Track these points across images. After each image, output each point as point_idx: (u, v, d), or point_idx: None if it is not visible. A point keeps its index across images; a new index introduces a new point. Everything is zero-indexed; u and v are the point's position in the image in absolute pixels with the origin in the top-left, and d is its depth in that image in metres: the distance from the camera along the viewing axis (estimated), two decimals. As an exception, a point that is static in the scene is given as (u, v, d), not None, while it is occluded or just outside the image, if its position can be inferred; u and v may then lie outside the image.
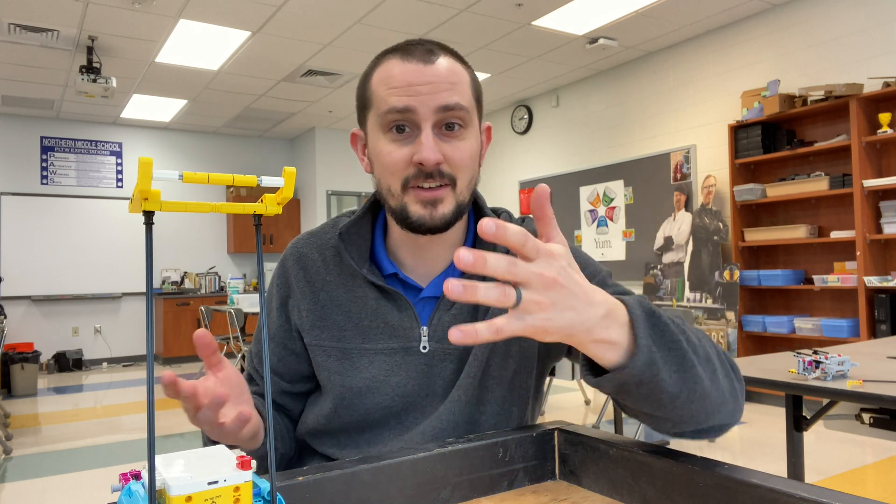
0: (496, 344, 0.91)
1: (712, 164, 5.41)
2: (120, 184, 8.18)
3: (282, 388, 0.99)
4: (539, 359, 0.96)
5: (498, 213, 1.01)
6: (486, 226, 0.53)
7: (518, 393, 0.94)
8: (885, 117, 4.23)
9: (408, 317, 0.91)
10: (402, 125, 0.84)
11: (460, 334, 0.54)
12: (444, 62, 0.86)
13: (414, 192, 0.85)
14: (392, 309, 0.91)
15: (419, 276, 0.94)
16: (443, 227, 0.86)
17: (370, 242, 0.95)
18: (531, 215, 0.96)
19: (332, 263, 0.95)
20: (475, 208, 0.98)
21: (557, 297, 0.59)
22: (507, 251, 0.91)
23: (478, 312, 0.92)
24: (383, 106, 0.85)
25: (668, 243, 5.72)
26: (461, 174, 0.86)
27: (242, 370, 1.02)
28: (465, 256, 0.53)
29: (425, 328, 0.91)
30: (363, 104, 0.90)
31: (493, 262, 0.55)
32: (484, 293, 0.55)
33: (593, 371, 0.69)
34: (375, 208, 0.97)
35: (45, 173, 7.75)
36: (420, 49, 0.86)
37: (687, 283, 5.40)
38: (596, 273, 0.93)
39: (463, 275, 0.92)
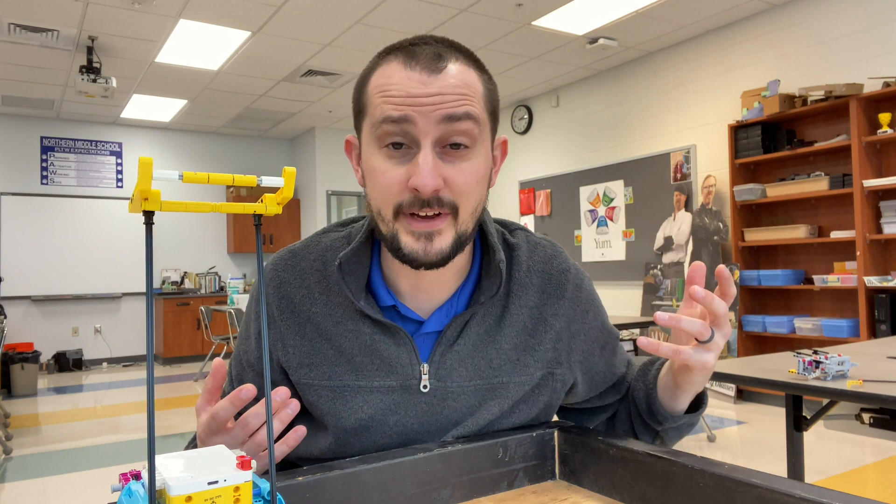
0: (525, 393, 0.86)
1: (712, 164, 5.41)
2: (120, 184, 8.18)
3: None
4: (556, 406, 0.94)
5: (511, 229, 0.92)
6: (724, 272, 0.74)
7: None
8: (885, 117, 4.23)
9: (406, 352, 0.82)
10: (399, 140, 0.73)
11: (647, 342, 0.73)
12: (453, 69, 0.74)
13: (406, 220, 0.74)
14: (389, 343, 0.82)
15: (419, 308, 0.84)
16: (439, 262, 0.76)
17: (368, 270, 0.84)
18: (549, 242, 0.95)
19: (318, 291, 0.84)
20: (480, 230, 0.87)
21: (722, 346, 0.77)
22: (502, 285, 0.86)
23: (483, 352, 0.84)
24: (378, 114, 0.73)
25: (668, 243, 5.72)
26: (464, 201, 0.75)
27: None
28: (699, 291, 0.71)
29: (426, 365, 0.82)
30: (358, 109, 0.79)
31: (718, 304, 0.72)
32: (687, 323, 0.73)
33: (663, 414, 0.89)
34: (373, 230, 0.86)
35: (45, 173, 7.75)
36: (427, 53, 0.74)
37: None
38: (611, 335, 0.97)
39: (467, 307, 0.85)
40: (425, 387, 0.82)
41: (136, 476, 0.48)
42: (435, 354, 0.83)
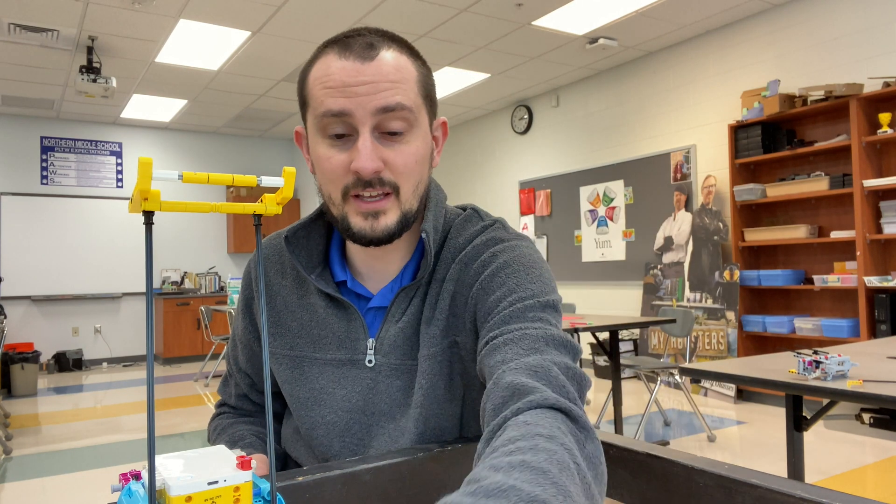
0: (453, 364, 0.84)
1: (712, 164, 5.41)
2: (120, 184, 8.18)
3: (257, 388, 0.99)
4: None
5: (463, 208, 0.94)
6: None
7: (471, 406, 0.86)
8: (885, 117, 4.23)
9: (355, 327, 0.86)
10: (341, 131, 0.78)
11: None
12: (386, 57, 0.77)
13: (355, 202, 0.79)
14: (341, 318, 0.86)
15: (371, 284, 0.89)
16: (386, 239, 0.80)
17: (322, 247, 0.90)
18: (499, 221, 0.91)
19: (290, 267, 0.92)
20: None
21: None
22: (448, 263, 0.85)
23: (420, 329, 0.85)
24: (319, 108, 0.78)
25: (668, 243, 5.72)
26: (405, 181, 0.80)
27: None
28: None
29: (372, 340, 0.86)
30: (302, 101, 0.83)
31: None
32: None
33: None
34: None
35: (45, 173, 7.75)
36: (359, 43, 0.78)
37: (687, 283, 5.40)
38: (525, 296, 0.79)
39: (410, 283, 0.85)
40: (370, 361, 0.85)
41: (136, 476, 0.48)
42: (381, 330, 0.86)
